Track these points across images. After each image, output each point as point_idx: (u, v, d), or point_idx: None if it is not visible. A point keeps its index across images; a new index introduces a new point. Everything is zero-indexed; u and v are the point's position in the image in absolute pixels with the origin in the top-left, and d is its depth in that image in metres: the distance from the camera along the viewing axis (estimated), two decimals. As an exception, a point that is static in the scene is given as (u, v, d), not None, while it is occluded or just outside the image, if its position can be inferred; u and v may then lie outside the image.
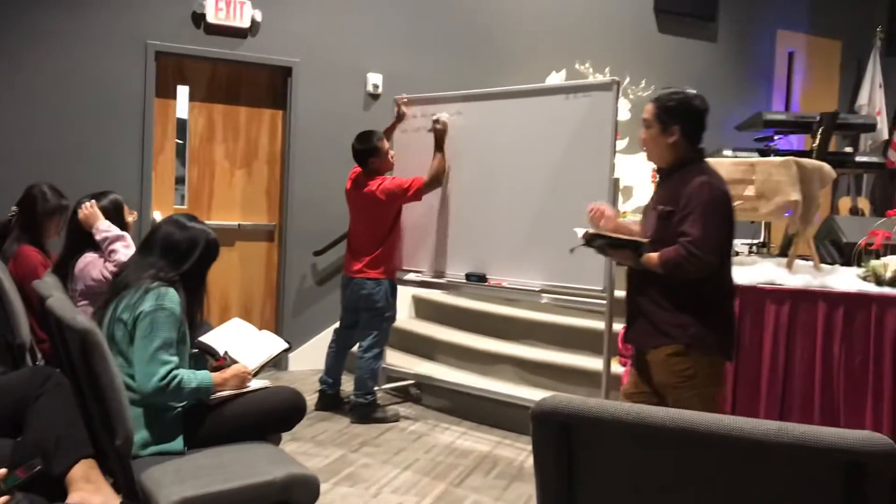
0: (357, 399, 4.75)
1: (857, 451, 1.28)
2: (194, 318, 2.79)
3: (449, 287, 5.10)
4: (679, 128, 2.84)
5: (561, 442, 1.44)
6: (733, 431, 1.32)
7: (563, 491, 1.46)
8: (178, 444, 2.60)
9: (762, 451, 1.32)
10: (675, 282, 2.80)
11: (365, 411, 4.72)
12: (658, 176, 3.01)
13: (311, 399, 4.81)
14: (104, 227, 3.44)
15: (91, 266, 3.42)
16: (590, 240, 2.90)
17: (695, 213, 2.73)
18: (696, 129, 2.88)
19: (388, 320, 4.80)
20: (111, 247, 3.39)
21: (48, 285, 2.83)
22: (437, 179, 4.72)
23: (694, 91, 2.92)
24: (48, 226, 3.88)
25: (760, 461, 1.34)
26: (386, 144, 4.79)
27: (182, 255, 2.75)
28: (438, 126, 4.76)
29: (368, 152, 4.71)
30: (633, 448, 1.41)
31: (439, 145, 4.77)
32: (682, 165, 2.87)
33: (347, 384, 5.03)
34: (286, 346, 3.17)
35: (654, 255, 2.82)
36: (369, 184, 4.69)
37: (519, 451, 4.30)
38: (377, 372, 4.80)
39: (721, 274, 2.84)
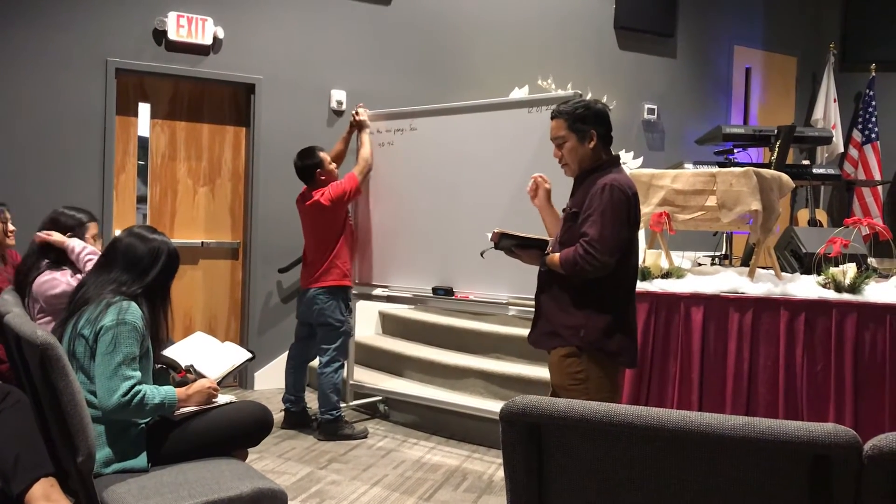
0: (323, 416, 4.71)
1: (822, 443, 1.30)
2: (159, 332, 2.74)
3: (416, 301, 5.09)
4: (595, 132, 2.88)
5: (531, 442, 1.44)
6: (701, 427, 1.33)
7: (534, 490, 1.46)
8: (141, 460, 2.55)
9: (730, 446, 1.34)
10: (574, 283, 2.81)
11: (332, 428, 4.68)
12: (573, 182, 3.01)
13: (278, 417, 4.77)
14: (73, 244, 3.41)
15: (52, 284, 3.34)
16: (498, 241, 2.92)
17: (594, 213, 2.75)
18: (607, 131, 2.93)
19: (345, 333, 4.78)
20: (87, 258, 3.34)
21: (6, 302, 2.77)
22: (367, 164, 4.94)
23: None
24: None
25: (729, 456, 1.35)
26: (327, 156, 4.84)
27: (145, 268, 2.71)
28: (358, 117, 5.04)
29: (314, 166, 4.77)
30: (602, 446, 1.41)
31: (361, 134, 5.05)
32: (594, 170, 2.89)
33: (313, 402, 4.98)
34: (250, 355, 3.14)
35: (556, 256, 2.84)
36: (313, 194, 4.73)
37: (488, 465, 4.29)
38: (339, 386, 4.76)
39: (620, 276, 2.84)
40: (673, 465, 1.39)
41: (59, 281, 3.32)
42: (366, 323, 6.09)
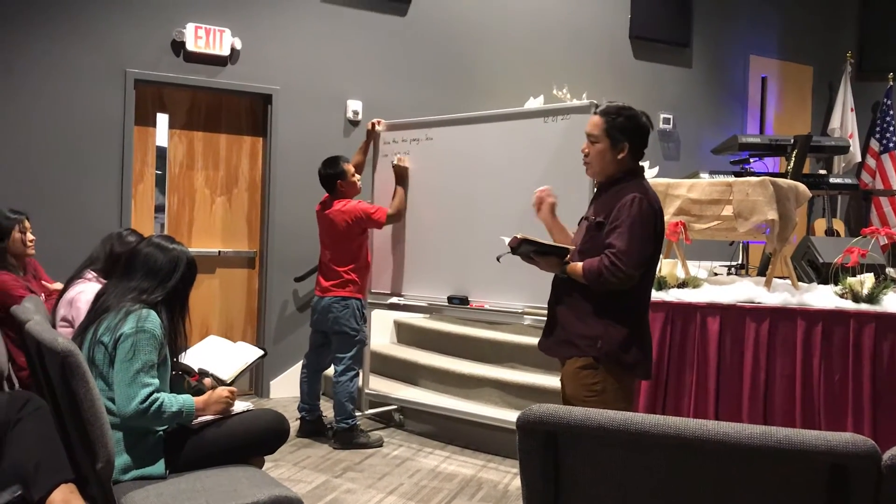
0: (338, 424, 4.72)
1: (840, 452, 1.29)
2: (177, 340, 2.76)
3: (431, 311, 5.10)
4: (629, 144, 2.85)
5: (547, 450, 1.44)
6: (718, 436, 1.33)
7: (551, 499, 1.46)
8: (159, 467, 2.56)
9: (747, 455, 1.34)
10: (594, 293, 2.78)
11: (347, 436, 4.69)
12: (596, 189, 3.00)
13: (293, 426, 4.78)
14: None
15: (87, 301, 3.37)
16: (517, 246, 2.89)
17: (622, 226, 2.72)
18: (641, 146, 2.90)
19: (360, 342, 4.81)
20: None
21: (27, 310, 2.80)
22: (400, 214, 4.91)
23: (637, 108, 2.95)
24: (8, 243, 3.86)
25: (746, 465, 1.35)
26: (352, 168, 4.86)
27: (165, 277, 2.74)
28: (403, 164, 4.95)
29: (336, 175, 4.81)
30: (618, 455, 1.41)
31: (400, 182, 4.95)
32: (620, 180, 2.87)
33: (328, 410, 4.99)
34: (262, 353, 3.18)
35: (578, 265, 2.81)
36: (335, 205, 4.78)
37: (504, 474, 4.28)
38: (355, 394, 4.77)
39: (640, 290, 2.83)
40: (690, 473, 1.39)
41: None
42: (381, 332, 6.10)
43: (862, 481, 1.31)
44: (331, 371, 4.93)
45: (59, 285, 4.06)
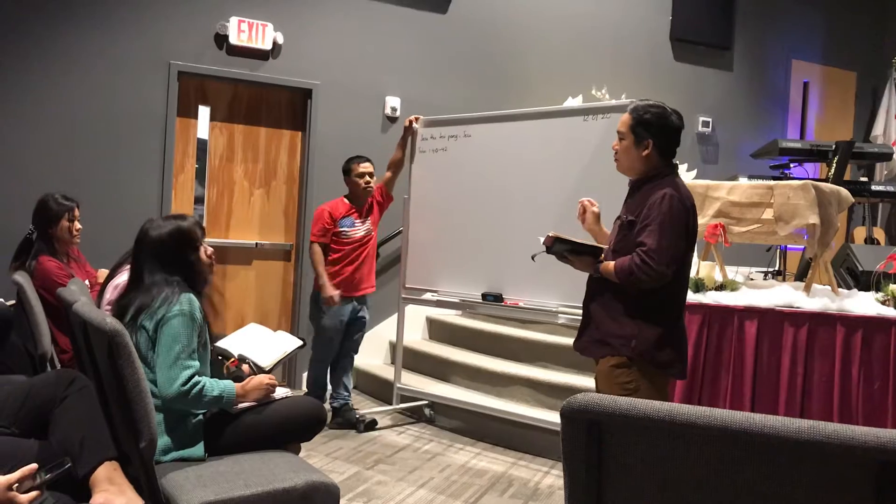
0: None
1: (891, 450, 1.27)
2: (206, 317, 2.79)
3: (464, 307, 5.11)
4: (653, 142, 2.84)
5: (590, 439, 1.44)
6: (765, 429, 1.32)
7: (593, 488, 1.46)
8: (198, 450, 2.61)
9: (794, 450, 1.33)
10: (627, 292, 2.79)
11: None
12: (628, 188, 3.00)
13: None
14: None
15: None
16: (551, 245, 2.91)
17: (653, 224, 2.72)
18: (669, 144, 2.88)
19: (316, 331, 5.02)
20: None
21: (73, 292, 2.85)
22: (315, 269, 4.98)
23: (671, 107, 2.91)
24: (56, 230, 3.93)
25: (792, 459, 1.34)
26: (360, 168, 4.95)
27: (173, 257, 2.75)
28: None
29: (343, 173, 5.02)
30: (663, 445, 1.41)
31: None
32: (651, 178, 2.87)
33: (359, 403, 5.03)
34: (301, 342, 3.21)
35: (610, 264, 2.81)
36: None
37: (534, 472, 4.28)
38: (319, 380, 5.04)
39: (674, 288, 2.82)
40: (734, 466, 1.38)
41: None
42: (413, 328, 6.12)
43: (912, 480, 1.30)
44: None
45: (103, 272, 4.13)
